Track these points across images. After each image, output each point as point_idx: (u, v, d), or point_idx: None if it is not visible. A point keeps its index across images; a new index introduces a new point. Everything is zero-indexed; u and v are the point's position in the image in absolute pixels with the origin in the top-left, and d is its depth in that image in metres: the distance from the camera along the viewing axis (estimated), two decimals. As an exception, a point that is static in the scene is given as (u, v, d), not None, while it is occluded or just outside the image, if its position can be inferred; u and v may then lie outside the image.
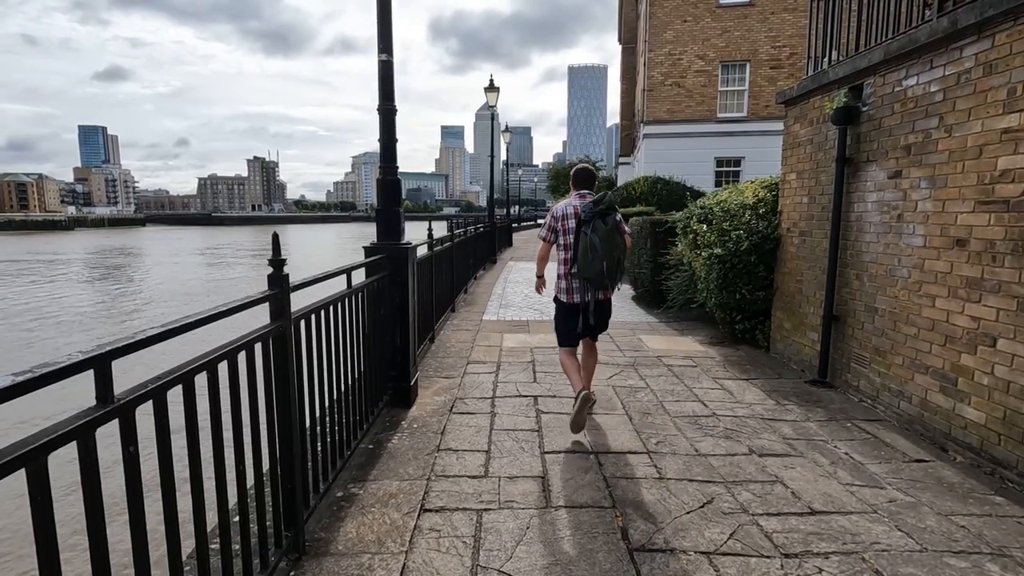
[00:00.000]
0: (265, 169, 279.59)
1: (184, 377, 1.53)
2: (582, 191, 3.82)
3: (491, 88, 16.35)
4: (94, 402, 1.23)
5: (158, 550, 1.41)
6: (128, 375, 1.43)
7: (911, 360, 3.73)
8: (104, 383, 1.23)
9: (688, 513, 2.64)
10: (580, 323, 3.72)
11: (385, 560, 2.26)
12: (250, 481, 1.95)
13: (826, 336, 4.64)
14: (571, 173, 3.92)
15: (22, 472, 1.02)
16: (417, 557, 2.30)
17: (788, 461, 3.22)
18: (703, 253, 6.02)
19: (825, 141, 4.79)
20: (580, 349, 3.96)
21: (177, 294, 22.11)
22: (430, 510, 2.67)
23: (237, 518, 1.90)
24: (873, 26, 4.35)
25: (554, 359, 5.46)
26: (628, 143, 30.05)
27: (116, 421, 1.26)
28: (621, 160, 31.42)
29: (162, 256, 43.67)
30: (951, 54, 3.38)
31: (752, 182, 6.47)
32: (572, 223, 3.71)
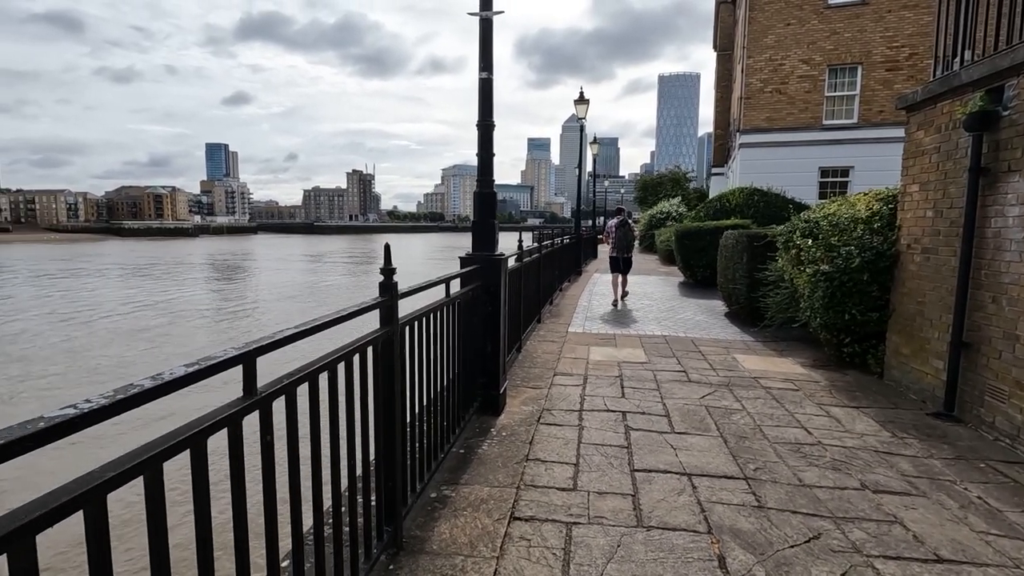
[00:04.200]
0: (362, 181, 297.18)
1: (310, 376, 1.67)
2: (618, 216, 10.66)
3: (581, 100, 16.38)
4: (240, 393, 1.38)
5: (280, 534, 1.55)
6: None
7: (1063, 397, 3.27)
8: (250, 377, 1.37)
9: (792, 547, 2.47)
10: (615, 264, 10.37)
11: (477, 564, 2.32)
12: (357, 473, 2.08)
13: (954, 364, 4.18)
14: (615, 209, 11.31)
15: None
16: (508, 564, 2.33)
17: (908, 500, 2.93)
18: (807, 269, 5.65)
19: (955, 149, 4.35)
20: (619, 279, 10.36)
21: (286, 296, 24.31)
22: (520, 519, 2.70)
23: (344, 508, 2.04)
24: (1017, 20, 3.91)
25: (643, 375, 5.35)
26: (721, 153, 28.88)
27: (257, 412, 1.41)
28: (714, 171, 30.25)
29: (272, 262, 47.70)
30: (1119, 49, 2.96)
31: (865, 194, 5.99)
32: (613, 229, 10.52)
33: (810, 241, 5.74)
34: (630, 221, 10.95)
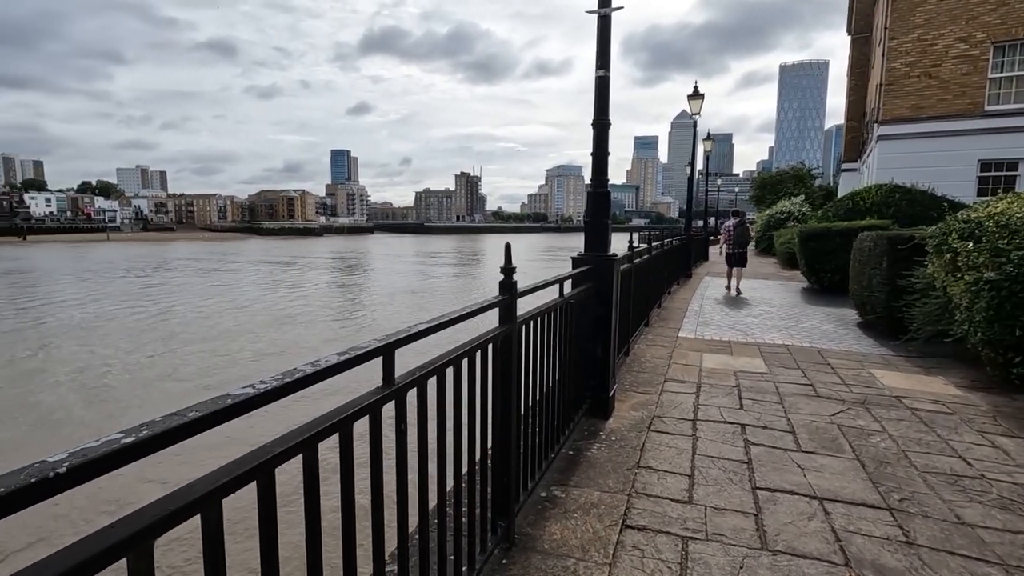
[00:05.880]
0: (469, 183, 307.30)
1: (438, 370, 1.74)
2: (736, 217, 12.55)
3: (695, 95, 15.66)
4: (380, 383, 1.47)
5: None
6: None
7: None
8: (389, 368, 1.46)
9: (951, 593, 2.17)
10: (730, 259, 12.22)
11: (590, 569, 2.29)
12: (475, 465, 2.14)
13: None
14: (731, 212, 13.15)
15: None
16: (621, 573, 2.27)
17: (1106, 555, 2.45)
18: (966, 277, 4.95)
19: None
20: (735, 271, 12.01)
21: (407, 291, 26.85)
22: (632, 527, 2.63)
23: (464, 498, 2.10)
24: None
25: (763, 386, 5.00)
26: (854, 147, 26.26)
27: (393, 402, 1.49)
28: (844, 167, 27.58)
29: (390, 260, 51.29)
30: None
31: (1045, 190, 5.12)
32: (731, 228, 12.42)
33: (971, 244, 5.02)
34: (746, 222, 13.00)
